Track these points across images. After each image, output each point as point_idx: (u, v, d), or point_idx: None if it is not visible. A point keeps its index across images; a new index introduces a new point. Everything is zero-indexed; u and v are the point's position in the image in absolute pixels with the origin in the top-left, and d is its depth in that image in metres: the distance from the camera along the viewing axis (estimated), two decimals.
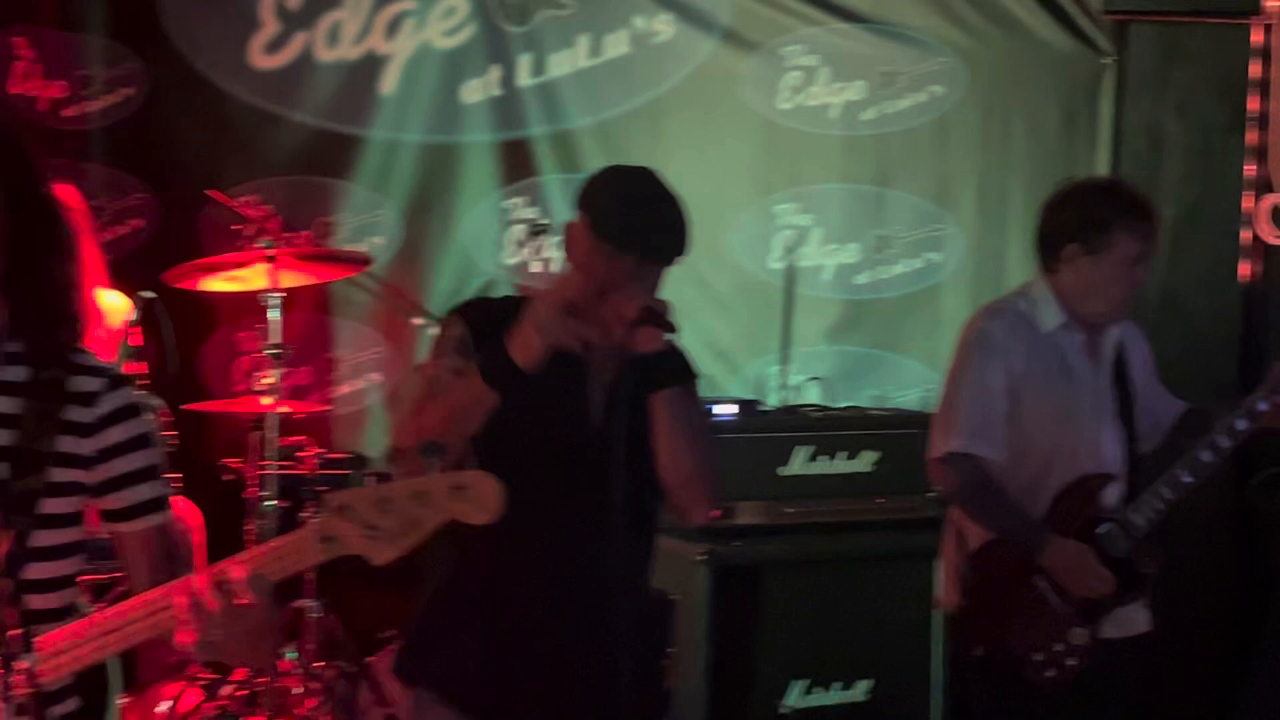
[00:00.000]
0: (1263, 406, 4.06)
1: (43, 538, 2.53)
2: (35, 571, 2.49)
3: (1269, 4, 5.53)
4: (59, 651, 2.41)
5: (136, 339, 5.36)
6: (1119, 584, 4.06)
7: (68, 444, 2.56)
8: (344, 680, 5.77)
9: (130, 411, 2.69)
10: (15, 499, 2.55)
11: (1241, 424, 4.06)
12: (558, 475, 3.30)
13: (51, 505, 2.52)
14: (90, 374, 2.66)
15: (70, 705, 2.44)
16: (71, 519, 2.51)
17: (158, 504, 2.70)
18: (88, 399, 2.62)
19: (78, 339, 2.59)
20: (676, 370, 3.27)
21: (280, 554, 2.43)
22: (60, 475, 2.50)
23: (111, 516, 2.67)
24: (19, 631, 2.31)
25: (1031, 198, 5.69)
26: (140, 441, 2.68)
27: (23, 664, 2.33)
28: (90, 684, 2.60)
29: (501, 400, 3.10)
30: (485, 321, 3.32)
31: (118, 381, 2.70)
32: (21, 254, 2.56)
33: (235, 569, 2.37)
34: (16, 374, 2.56)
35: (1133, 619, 4.19)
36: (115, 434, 2.64)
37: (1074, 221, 4.17)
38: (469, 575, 3.16)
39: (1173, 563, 4.34)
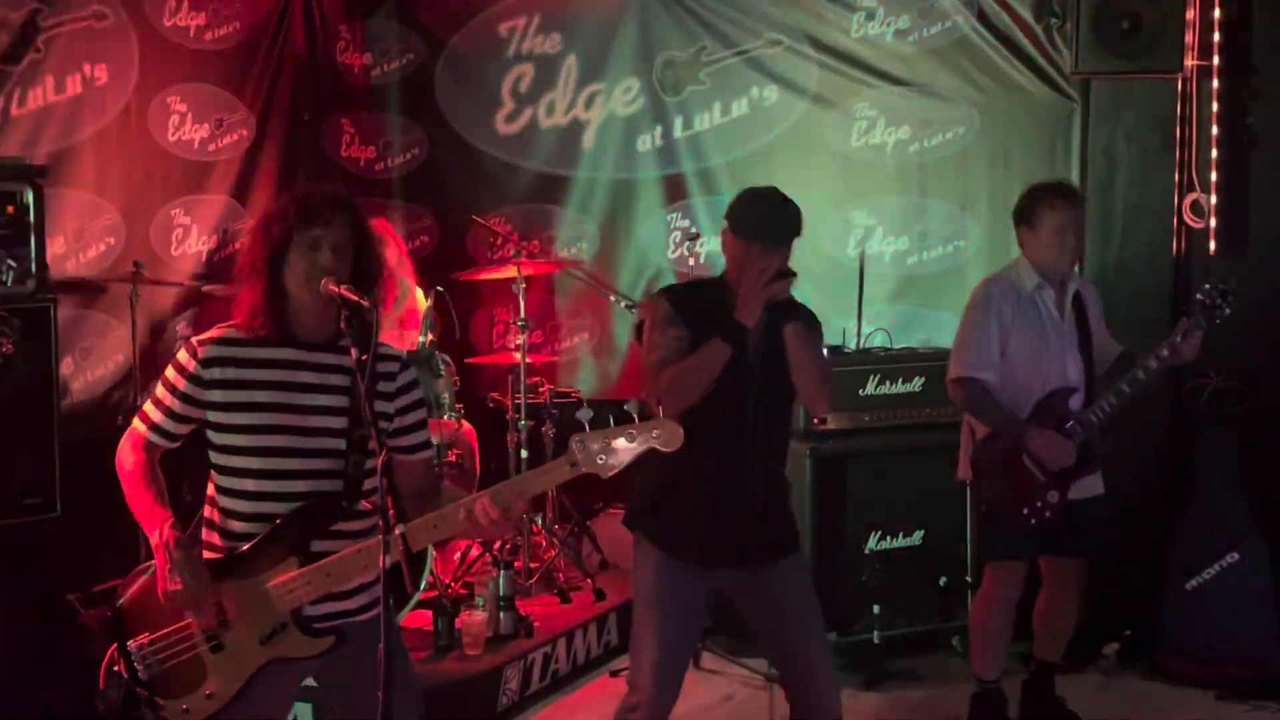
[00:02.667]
0: (1165, 352, 4.46)
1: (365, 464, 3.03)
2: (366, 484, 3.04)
3: (1187, 63, 5.78)
4: (420, 530, 2.94)
5: (433, 317, 6.06)
6: (1080, 460, 4.55)
7: (380, 404, 3.05)
8: (572, 536, 6.51)
9: (413, 385, 3.18)
10: (355, 441, 3.05)
11: (1155, 361, 4.49)
12: (731, 397, 3.63)
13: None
14: (389, 360, 3.12)
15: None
16: (374, 453, 2.93)
17: (426, 445, 3.22)
18: (389, 376, 3.11)
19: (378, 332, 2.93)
20: (800, 313, 3.70)
21: (542, 475, 3.06)
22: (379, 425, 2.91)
23: (399, 450, 3.13)
24: (393, 513, 2.76)
25: None
26: (418, 404, 3.18)
27: (398, 531, 2.80)
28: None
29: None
30: (679, 299, 3.77)
31: (405, 364, 3.16)
32: (359, 275, 3.02)
33: (513, 487, 2.94)
34: (347, 360, 2.97)
35: (1090, 485, 4.66)
36: (404, 400, 3.14)
37: (1020, 210, 4.73)
38: (672, 465, 3.19)
39: (1128, 446, 5.01)
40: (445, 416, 5.91)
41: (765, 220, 3.67)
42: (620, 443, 2.91)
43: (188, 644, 3.03)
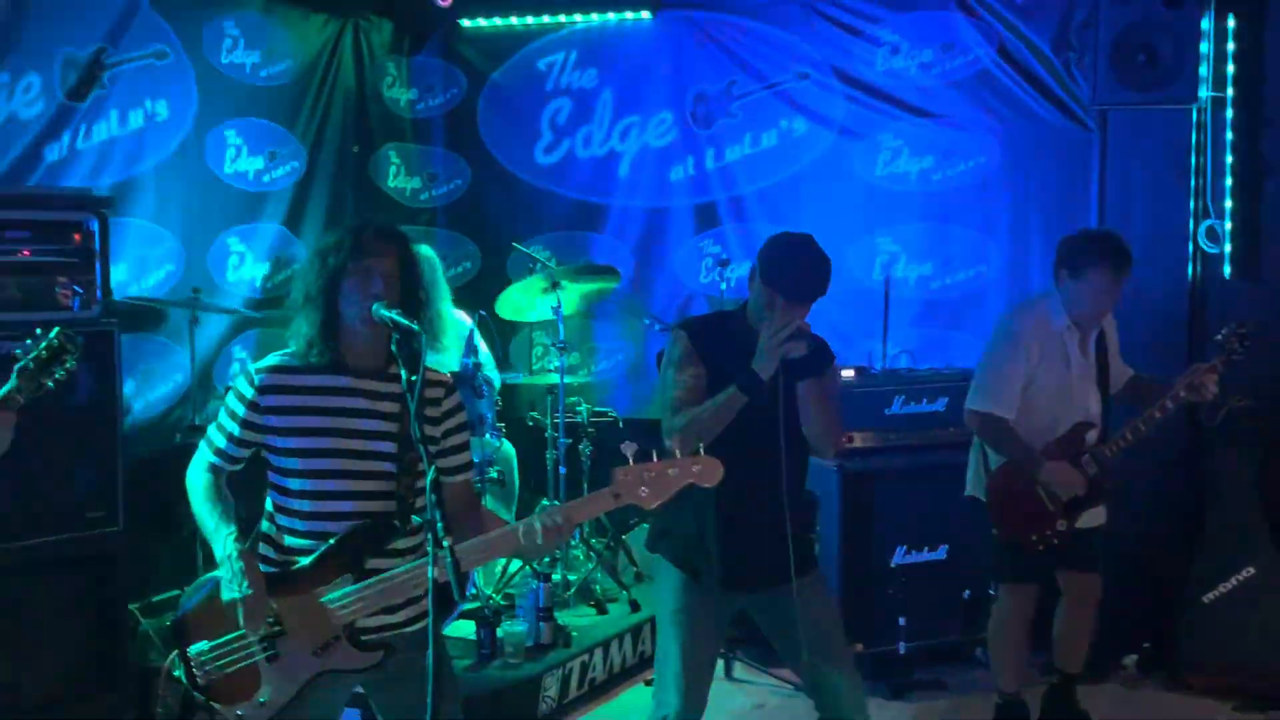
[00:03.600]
0: (1183, 394, 4.45)
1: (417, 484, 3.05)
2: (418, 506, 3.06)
3: (1202, 94, 5.70)
4: (470, 551, 2.96)
5: (474, 340, 6.06)
6: (1090, 492, 4.57)
7: (427, 428, 3.00)
8: (609, 550, 6.56)
9: (459, 408, 3.22)
10: (406, 464, 3.07)
11: (1172, 403, 4.48)
12: (752, 432, 3.60)
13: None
14: (436, 385, 3.17)
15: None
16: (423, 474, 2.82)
17: (469, 465, 3.27)
18: (436, 402, 3.14)
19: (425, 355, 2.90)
20: (814, 365, 3.63)
21: (587, 503, 3.10)
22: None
23: (444, 471, 3.05)
24: (440, 538, 2.72)
25: (1045, 227, 6.31)
26: (462, 427, 3.22)
27: (448, 546, 2.74)
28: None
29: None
30: (698, 333, 3.75)
31: (450, 388, 3.21)
32: (408, 302, 3.04)
33: (560, 514, 2.95)
34: (397, 386, 3.00)
35: (1096, 514, 4.70)
36: (450, 423, 3.19)
37: (1068, 256, 4.60)
38: (694, 492, 3.13)
39: (1149, 465, 5.17)
40: (487, 435, 5.93)
41: (795, 278, 3.63)
42: (662, 476, 2.95)
43: (244, 652, 3.06)
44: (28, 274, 4.72)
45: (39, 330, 3.13)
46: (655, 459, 2.96)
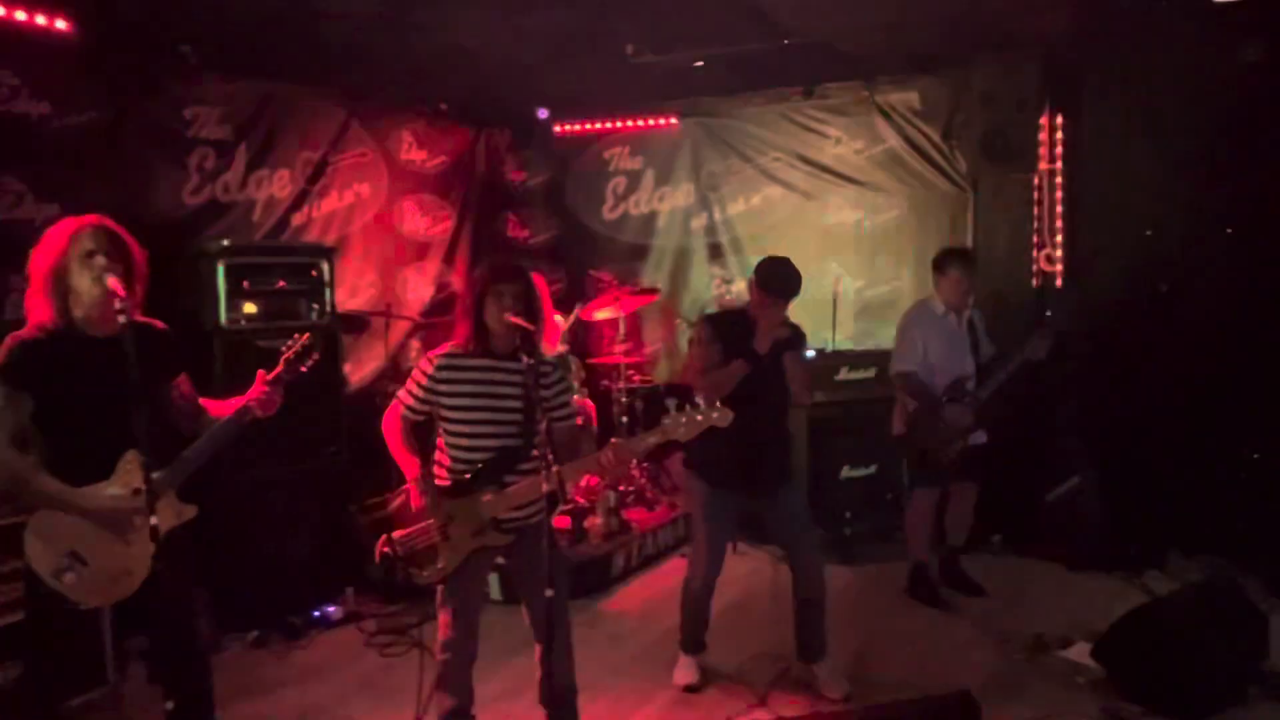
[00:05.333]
0: (1025, 355, 4.37)
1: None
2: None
3: (1041, 166, 5.71)
4: (568, 471, 2.83)
5: (568, 334, 6.11)
6: (973, 422, 4.59)
7: (542, 392, 2.96)
8: (654, 469, 6.41)
9: (562, 378, 3.13)
10: (528, 416, 2.99)
11: (1011, 366, 4.47)
12: (753, 388, 3.57)
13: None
14: (547, 365, 3.09)
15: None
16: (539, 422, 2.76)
17: (571, 415, 3.16)
18: (547, 373, 3.06)
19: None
20: (795, 343, 3.68)
21: (645, 438, 2.94)
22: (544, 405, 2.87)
23: (555, 419, 3.00)
24: (551, 458, 2.68)
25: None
26: (566, 390, 3.14)
27: (555, 469, 2.69)
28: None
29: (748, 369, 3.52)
30: (718, 325, 3.71)
31: (556, 366, 3.13)
32: (528, 312, 2.99)
33: (625, 447, 2.88)
34: (519, 365, 2.94)
35: (979, 436, 4.69)
36: (557, 388, 3.09)
37: (937, 263, 4.69)
38: (714, 430, 2.95)
39: (1011, 410, 4.88)
40: (575, 396, 5.91)
41: (780, 282, 3.59)
42: (693, 420, 2.88)
43: (428, 535, 3.06)
44: (284, 297, 4.81)
45: (295, 335, 3.12)
46: (688, 409, 2.89)
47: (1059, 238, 5.88)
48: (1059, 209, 5.88)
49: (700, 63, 5.72)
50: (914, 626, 4.55)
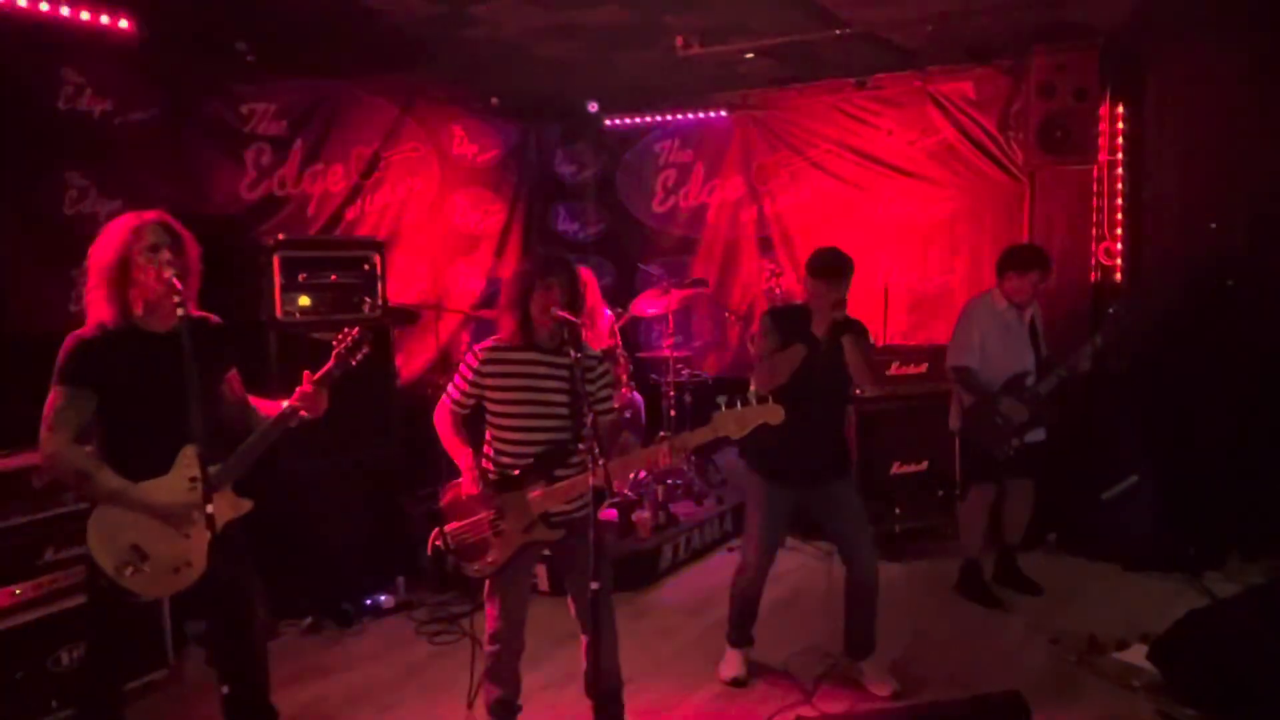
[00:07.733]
0: (1073, 363, 4.40)
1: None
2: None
3: (1101, 157, 5.59)
4: (616, 466, 2.88)
5: (615, 328, 6.11)
6: (1030, 418, 4.52)
7: (588, 386, 2.98)
8: (703, 463, 6.47)
9: (608, 371, 3.13)
10: (576, 410, 2.95)
11: (1064, 371, 4.43)
12: (811, 379, 3.55)
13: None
14: (593, 359, 3.09)
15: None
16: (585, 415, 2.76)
17: (613, 409, 3.16)
18: (592, 366, 3.07)
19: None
20: (854, 329, 3.61)
21: (695, 435, 2.97)
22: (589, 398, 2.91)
23: (600, 413, 3.00)
24: (599, 451, 2.67)
25: (992, 249, 5.75)
26: (610, 384, 3.14)
27: (603, 463, 2.68)
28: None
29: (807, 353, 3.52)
30: (778, 316, 3.72)
31: (601, 360, 3.13)
32: (573, 306, 3.01)
33: (674, 442, 2.91)
34: (569, 360, 2.94)
35: (1038, 433, 4.63)
36: (601, 382, 3.09)
37: (1011, 260, 4.61)
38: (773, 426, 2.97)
39: (1069, 410, 4.87)
40: (623, 389, 5.92)
41: (828, 264, 3.60)
42: (743, 418, 2.87)
43: (479, 529, 3.07)
44: (336, 290, 4.83)
45: (346, 329, 3.11)
46: (739, 404, 2.87)
47: (1119, 231, 5.76)
48: (1119, 201, 5.74)
49: (750, 54, 5.67)
50: (964, 625, 4.51)
